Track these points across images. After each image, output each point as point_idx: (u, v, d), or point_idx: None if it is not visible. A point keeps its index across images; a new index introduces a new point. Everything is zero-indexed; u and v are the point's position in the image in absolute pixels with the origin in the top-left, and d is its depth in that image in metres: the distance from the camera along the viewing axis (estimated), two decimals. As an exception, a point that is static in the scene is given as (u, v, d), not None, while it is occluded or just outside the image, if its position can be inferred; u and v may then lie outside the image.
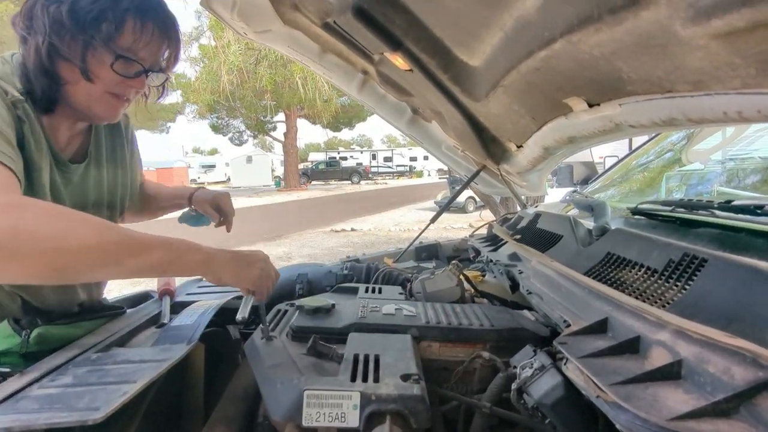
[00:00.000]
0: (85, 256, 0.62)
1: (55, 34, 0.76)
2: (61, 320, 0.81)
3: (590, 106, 0.89)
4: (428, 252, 1.86)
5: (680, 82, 0.61)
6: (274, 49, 1.53)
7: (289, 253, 7.38)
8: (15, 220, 0.58)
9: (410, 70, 1.18)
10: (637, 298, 0.68)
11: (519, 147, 1.46)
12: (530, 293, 0.96)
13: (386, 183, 30.28)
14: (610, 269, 0.81)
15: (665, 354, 0.54)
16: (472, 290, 1.20)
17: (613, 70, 0.69)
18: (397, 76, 1.38)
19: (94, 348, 0.72)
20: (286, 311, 0.93)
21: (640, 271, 0.74)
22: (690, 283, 0.63)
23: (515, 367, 0.71)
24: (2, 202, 0.60)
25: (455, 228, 9.21)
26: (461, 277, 1.13)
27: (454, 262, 1.15)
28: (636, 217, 1.08)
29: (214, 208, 1.15)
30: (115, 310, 0.94)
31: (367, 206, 14.44)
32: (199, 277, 1.26)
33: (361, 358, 0.69)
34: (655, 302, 0.65)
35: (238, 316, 0.76)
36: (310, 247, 7.85)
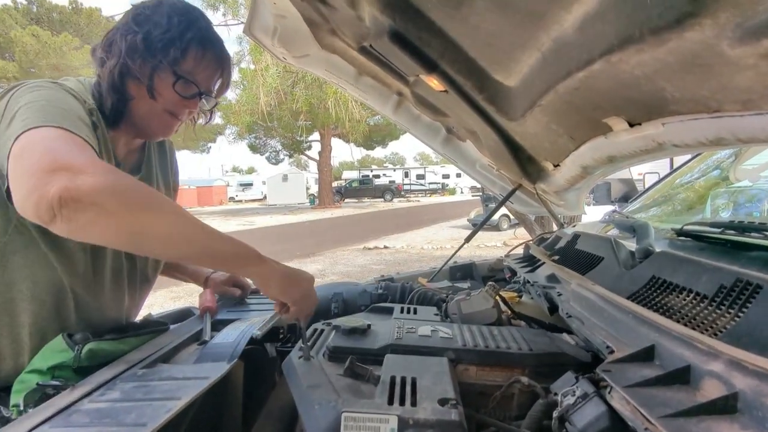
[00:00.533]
0: (163, 227, 0.69)
1: (129, 57, 0.89)
2: (109, 335, 0.85)
3: (631, 125, 0.87)
4: (463, 272, 1.84)
5: (728, 102, 0.59)
6: (311, 72, 1.58)
7: (323, 270, 7.45)
8: (114, 180, 0.66)
9: (445, 91, 1.19)
10: (685, 325, 0.65)
11: (556, 166, 1.44)
12: (570, 316, 0.93)
13: (419, 200, 30.26)
14: (655, 294, 0.78)
15: (719, 386, 0.51)
16: (509, 312, 1.17)
17: (655, 90, 0.68)
18: (431, 97, 1.40)
19: (140, 364, 0.75)
20: (322, 330, 0.93)
21: (688, 296, 0.70)
22: (744, 310, 0.60)
23: (556, 393, 0.68)
24: (104, 165, 0.69)
25: (489, 246, 9.07)
26: (497, 298, 1.11)
27: (490, 283, 1.13)
28: (681, 238, 1.04)
29: (231, 285, 1.23)
30: (160, 327, 0.98)
31: (400, 224, 14.45)
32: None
33: (398, 380, 0.68)
34: (706, 330, 0.62)
35: (256, 332, 0.78)
36: (344, 265, 7.90)
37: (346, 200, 29.91)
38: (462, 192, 37.91)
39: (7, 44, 16.68)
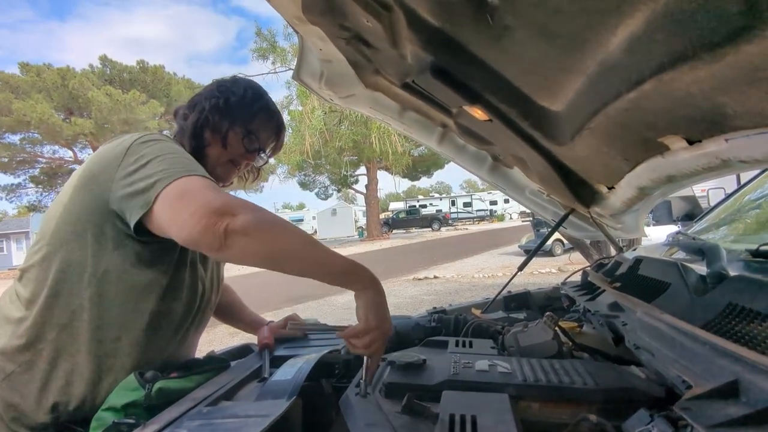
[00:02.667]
0: (294, 251, 0.86)
1: (211, 113, 1.10)
2: (175, 373, 0.88)
3: (690, 143, 0.83)
4: (518, 301, 1.77)
5: (798, 114, 0.55)
6: (356, 111, 1.63)
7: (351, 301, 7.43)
8: (259, 217, 0.83)
9: (490, 120, 1.19)
10: (772, 356, 0.59)
11: (611, 188, 1.39)
12: (638, 348, 0.87)
13: (467, 228, 29.85)
14: (733, 322, 0.72)
15: (819, 426, 0.46)
16: (570, 343, 1.12)
17: (714, 106, 0.65)
18: (476, 127, 1.40)
19: (205, 401, 0.78)
20: (377, 366, 0.93)
21: (773, 324, 0.64)
22: (841, 339, 0.54)
23: (629, 433, 0.64)
24: (250, 205, 0.86)
25: (543, 273, 8.74)
26: (557, 329, 1.07)
27: (548, 313, 1.09)
28: (759, 260, 0.96)
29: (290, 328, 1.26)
30: (221, 363, 1.01)
31: (449, 253, 14.27)
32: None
33: (458, 418, 0.66)
34: (798, 362, 0.56)
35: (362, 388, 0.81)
36: (394, 296, 7.85)
37: (394, 231, 30.01)
38: (511, 218, 37.06)
39: (86, 104, 18.45)
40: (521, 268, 1.80)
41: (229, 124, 1.11)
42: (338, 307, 7.28)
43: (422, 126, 1.61)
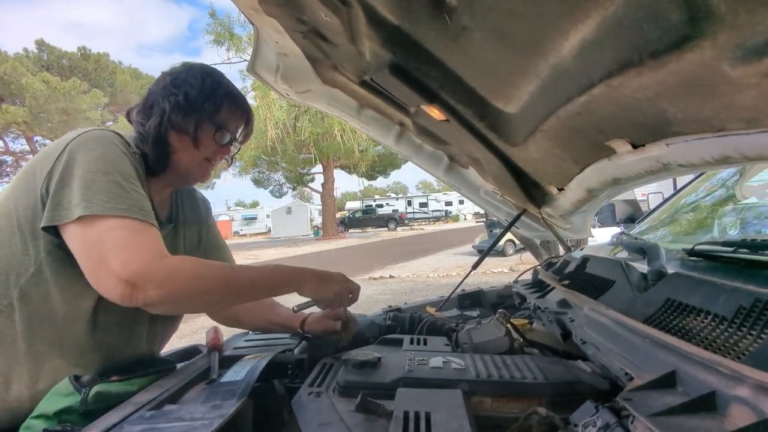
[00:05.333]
0: (222, 295, 0.93)
1: (174, 114, 1.01)
2: (115, 376, 0.83)
3: (635, 147, 0.88)
4: (471, 299, 1.81)
5: (732, 120, 0.59)
6: (313, 107, 1.60)
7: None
8: (173, 286, 0.84)
9: (446, 120, 1.21)
10: (706, 348, 0.63)
11: (560, 190, 1.44)
12: (585, 343, 0.91)
13: (422, 228, 30.25)
14: (671, 317, 0.76)
15: (748, 412, 0.49)
16: (521, 340, 1.15)
17: (657, 112, 0.68)
18: (433, 127, 1.41)
19: (148, 405, 0.73)
20: (331, 365, 0.92)
21: (706, 318, 0.69)
22: (766, 331, 0.58)
23: (576, 425, 0.66)
24: (165, 263, 0.85)
25: (495, 272, 8.99)
26: (509, 326, 1.09)
27: (501, 310, 1.11)
28: (693, 258, 1.02)
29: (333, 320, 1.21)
30: (166, 365, 0.96)
31: (405, 252, 14.40)
32: (245, 331, 1.29)
33: (412, 415, 0.66)
34: (728, 353, 0.60)
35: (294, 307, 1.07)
36: (349, 296, 7.81)
37: (350, 231, 29.94)
38: (465, 219, 37.90)
39: (19, 91, 17.15)
40: (475, 267, 1.84)
41: (196, 122, 1.04)
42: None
43: (380, 124, 1.60)
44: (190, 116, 1.03)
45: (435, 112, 1.17)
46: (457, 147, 1.55)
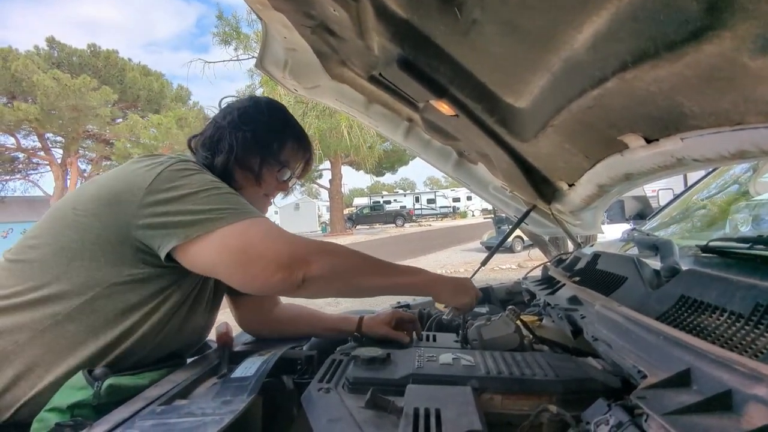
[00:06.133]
0: (368, 281, 0.94)
1: (240, 150, 1.03)
2: (127, 370, 0.84)
3: (648, 141, 0.86)
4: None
5: (751, 114, 0.58)
6: (322, 102, 1.60)
7: (337, 299, 7.39)
8: (332, 257, 0.90)
9: (456, 115, 1.20)
10: (722, 346, 0.62)
11: (571, 186, 1.42)
12: (596, 340, 0.90)
13: (430, 225, 30.19)
14: (685, 314, 0.75)
15: (766, 411, 0.48)
16: (531, 336, 1.14)
17: (673, 105, 0.67)
18: (442, 122, 1.40)
19: (158, 400, 0.74)
20: (341, 361, 0.91)
21: (722, 316, 0.68)
22: (784, 329, 0.57)
23: (588, 422, 0.65)
24: (315, 243, 0.91)
25: (503, 269, 8.95)
26: (519, 322, 1.08)
27: (510, 307, 1.10)
28: (707, 255, 1.01)
29: (395, 326, 1.15)
30: (177, 360, 0.97)
31: (412, 249, 14.38)
32: None
33: (422, 412, 0.66)
34: (745, 351, 0.59)
35: (445, 317, 1.17)
36: (357, 292, 7.81)
37: (358, 227, 29.95)
38: (473, 215, 37.77)
39: (30, 88, 17.31)
40: (484, 263, 1.83)
41: (261, 160, 1.06)
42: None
43: (388, 120, 1.60)
44: (256, 154, 1.06)
45: (444, 108, 1.17)
46: (467, 142, 1.54)
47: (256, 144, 1.05)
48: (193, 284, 0.99)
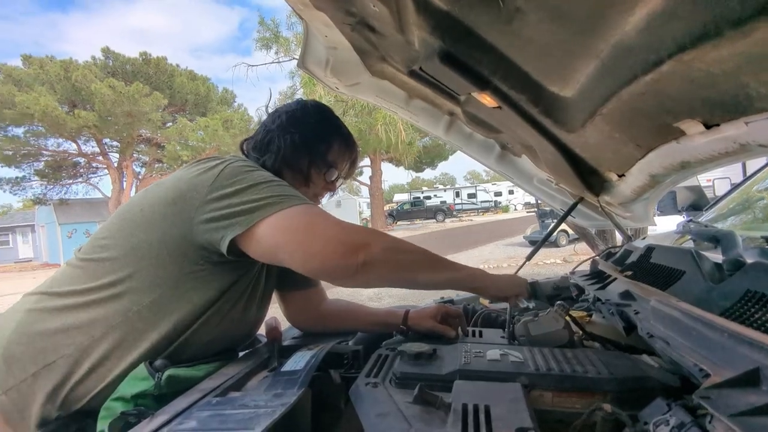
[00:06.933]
0: (423, 274, 0.96)
1: (289, 152, 1.08)
2: (184, 363, 0.88)
3: (708, 127, 0.81)
4: (526, 291, 1.76)
5: (827, 93, 0.53)
6: (362, 100, 1.61)
7: (379, 293, 7.44)
8: (390, 242, 0.92)
9: (499, 107, 1.17)
10: (795, 344, 0.57)
11: (621, 176, 1.37)
12: (652, 336, 0.86)
13: (471, 220, 29.81)
14: (753, 310, 0.70)
15: None
16: (581, 332, 1.10)
17: (736, 87, 0.62)
18: (484, 114, 1.38)
19: (214, 392, 0.77)
20: (387, 356, 0.92)
21: (794, 312, 0.63)
22: None
23: (646, 423, 0.63)
24: (372, 231, 0.95)
25: (548, 264, 8.72)
26: (568, 318, 1.05)
27: (559, 302, 1.07)
28: (775, 247, 0.94)
29: (441, 320, 1.15)
30: (230, 353, 1.01)
31: (454, 244, 14.25)
32: None
33: (471, 408, 0.65)
34: (821, 350, 0.54)
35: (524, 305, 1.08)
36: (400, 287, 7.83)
37: (399, 223, 30.00)
38: (516, 209, 36.96)
39: (89, 96, 18.39)
40: (529, 257, 1.79)
41: (310, 161, 1.11)
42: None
43: (429, 114, 1.59)
44: (304, 155, 1.10)
45: (487, 99, 1.14)
46: (510, 135, 1.51)
47: (304, 146, 1.09)
48: (249, 281, 1.02)
